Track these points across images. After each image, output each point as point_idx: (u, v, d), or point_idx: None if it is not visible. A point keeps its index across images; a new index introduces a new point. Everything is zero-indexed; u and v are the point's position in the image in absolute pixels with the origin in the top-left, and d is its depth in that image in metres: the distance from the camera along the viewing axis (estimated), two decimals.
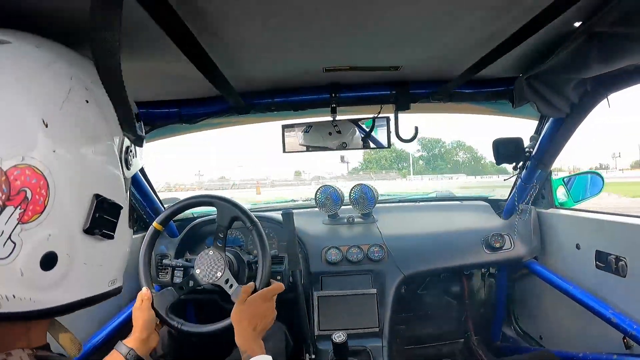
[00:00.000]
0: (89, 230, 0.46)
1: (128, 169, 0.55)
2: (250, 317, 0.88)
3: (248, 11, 0.65)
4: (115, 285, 0.54)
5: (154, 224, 1.17)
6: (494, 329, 1.80)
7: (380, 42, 0.81)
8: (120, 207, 0.51)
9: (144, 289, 1.05)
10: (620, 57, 0.79)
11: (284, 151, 1.20)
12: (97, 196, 0.47)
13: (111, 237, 0.49)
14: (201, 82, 0.87)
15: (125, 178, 0.54)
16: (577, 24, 0.75)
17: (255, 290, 0.98)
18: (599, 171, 1.57)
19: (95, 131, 0.48)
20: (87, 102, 0.47)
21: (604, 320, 1.12)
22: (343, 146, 1.18)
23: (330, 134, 1.18)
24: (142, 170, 1.47)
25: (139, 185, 1.46)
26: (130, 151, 0.56)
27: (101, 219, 0.47)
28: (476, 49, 0.87)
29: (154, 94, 1.13)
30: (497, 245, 1.51)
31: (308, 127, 1.19)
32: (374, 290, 1.42)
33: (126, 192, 0.55)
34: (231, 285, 1.06)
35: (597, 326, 1.16)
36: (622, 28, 0.69)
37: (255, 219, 1.12)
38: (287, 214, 1.31)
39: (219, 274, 1.09)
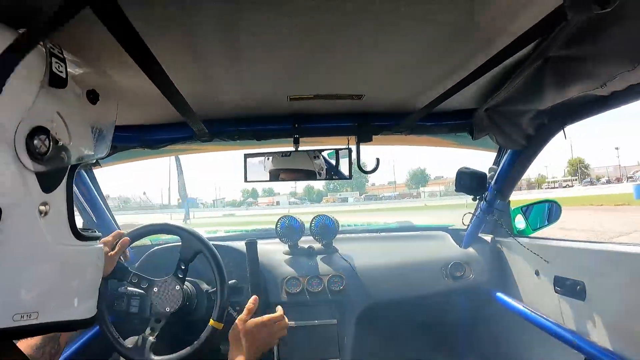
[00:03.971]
0: None
1: (36, 158, 0.41)
2: (252, 338, 0.87)
3: (211, 39, 0.65)
4: (30, 320, 0.42)
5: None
6: (457, 356, 1.80)
7: (344, 71, 0.83)
8: None
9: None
10: (573, 81, 0.81)
11: (246, 180, 1.19)
12: None
13: None
14: (165, 108, 0.86)
15: (27, 170, 0.41)
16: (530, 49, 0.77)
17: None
18: (556, 199, 1.62)
19: None
20: None
21: (565, 344, 1.13)
22: (305, 177, 1.19)
23: (292, 164, 1.18)
24: (99, 192, 1.43)
25: (94, 206, 1.41)
26: (40, 137, 0.41)
27: None
28: (437, 83, 0.90)
29: (118, 116, 1.09)
30: (458, 274, 1.53)
31: (270, 157, 1.19)
32: (335, 321, 1.41)
33: (40, 191, 0.43)
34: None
35: (559, 350, 1.17)
36: (573, 50, 0.71)
37: (218, 256, 1.14)
38: (251, 244, 1.30)
39: (167, 309, 1.08)
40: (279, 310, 1.01)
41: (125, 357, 1.06)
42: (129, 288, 1.24)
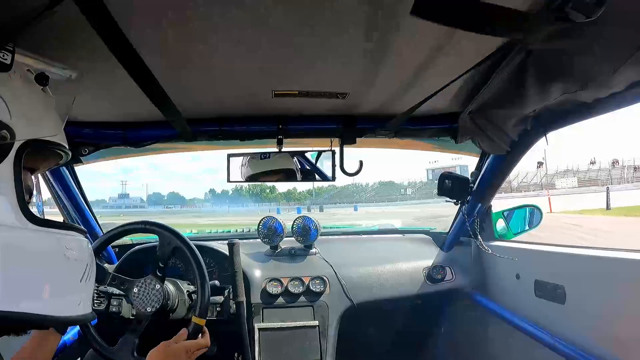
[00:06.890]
0: None
1: None
2: None
3: (195, 32, 0.65)
4: None
5: None
6: (437, 358, 1.82)
7: (328, 68, 0.83)
8: None
9: None
10: (555, 79, 0.81)
11: (229, 180, 1.19)
12: None
13: None
14: (148, 106, 0.85)
15: None
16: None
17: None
18: (537, 204, 1.65)
19: None
20: None
21: (546, 347, 1.15)
22: (288, 178, 1.19)
23: (275, 165, 1.19)
24: (81, 192, 1.41)
25: (77, 206, 1.39)
26: None
27: None
28: (420, 84, 0.90)
29: (101, 114, 1.09)
30: (439, 277, 1.55)
31: (254, 158, 1.19)
32: (316, 323, 1.41)
33: None
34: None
35: (539, 353, 1.19)
36: (554, 43, 0.71)
37: (196, 251, 1.12)
38: (233, 245, 1.30)
39: (148, 309, 1.06)
40: (202, 339, 1.01)
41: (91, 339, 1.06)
42: (108, 288, 1.23)
